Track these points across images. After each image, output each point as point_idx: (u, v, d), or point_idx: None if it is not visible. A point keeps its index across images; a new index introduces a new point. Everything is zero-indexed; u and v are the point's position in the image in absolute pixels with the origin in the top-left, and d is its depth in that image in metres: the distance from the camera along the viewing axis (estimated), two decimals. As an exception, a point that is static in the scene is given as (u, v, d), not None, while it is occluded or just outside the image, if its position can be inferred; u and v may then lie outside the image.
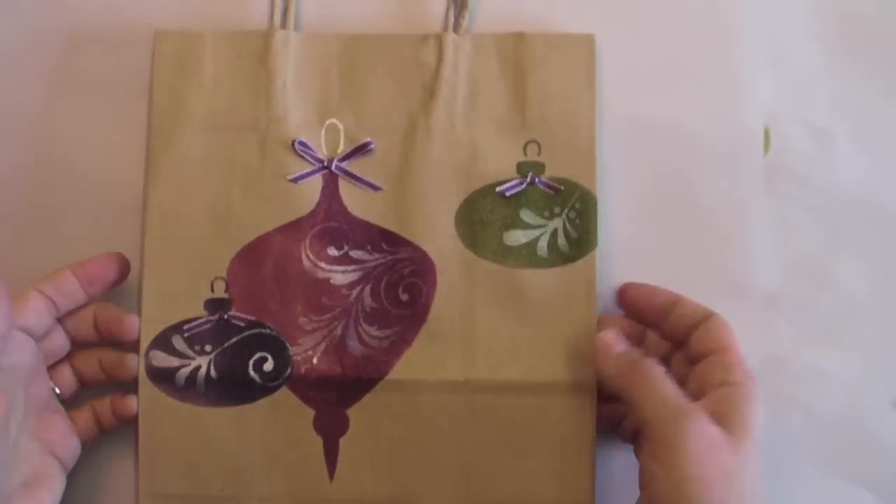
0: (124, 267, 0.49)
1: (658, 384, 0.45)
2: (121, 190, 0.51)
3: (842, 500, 0.51)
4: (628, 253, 0.51)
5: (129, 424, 0.49)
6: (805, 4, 0.52)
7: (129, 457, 0.50)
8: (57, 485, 0.46)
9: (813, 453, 0.51)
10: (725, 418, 0.43)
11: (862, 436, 0.51)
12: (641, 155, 0.51)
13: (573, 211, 0.50)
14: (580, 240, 0.49)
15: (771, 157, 0.52)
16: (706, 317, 0.47)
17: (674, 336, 0.49)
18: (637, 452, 0.48)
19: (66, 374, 0.48)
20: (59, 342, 0.48)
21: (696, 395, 0.45)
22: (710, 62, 0.52)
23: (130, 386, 0.49)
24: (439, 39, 0.50)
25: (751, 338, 0.51)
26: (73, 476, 0.47)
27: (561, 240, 0.50)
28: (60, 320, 0.48)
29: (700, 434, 0.42)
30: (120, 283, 0.49)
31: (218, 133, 0.50)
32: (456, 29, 0.51)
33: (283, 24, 0.51)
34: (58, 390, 0.48)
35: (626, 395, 0.46)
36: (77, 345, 0.49)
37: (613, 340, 0.48)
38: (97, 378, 0.49)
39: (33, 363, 0.46)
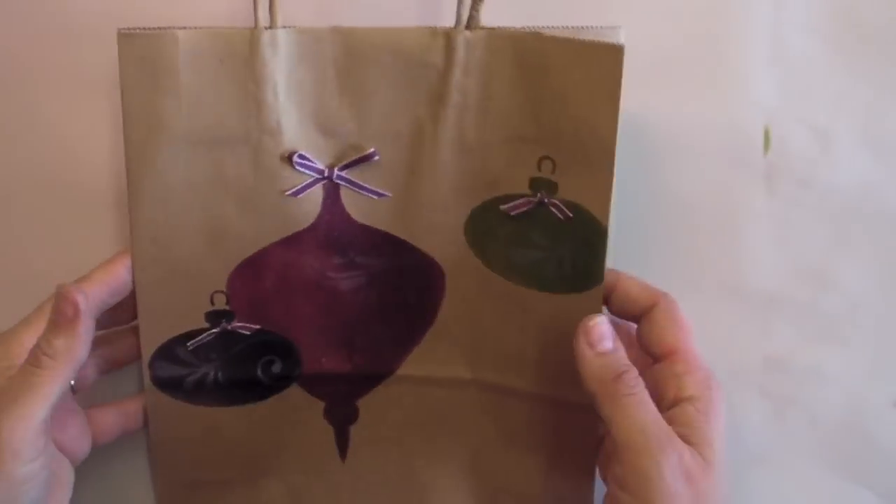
0: None
1: (639, 407, 0.41)
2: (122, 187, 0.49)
3: (842, 500, 0.52)
4: (626, 251, 0.51)
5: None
6: (806, 3, 0.52)
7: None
8: (70, 481, 0.45)
9: (813, 453, 0.52)
10: (690, 439, 0.41)
11: (862, 436, 0.51)
12: (640, 154, 0.51)
13: (583, 241, 0.45)
14: (587, 272, 0.45)
15: (771, 157, 0.51)
16: (651, 304, 0.45)
17: (623, 318, 0.47)
18: (603, 471, 0.47)
19: (86, 367, 0.46)
20: None
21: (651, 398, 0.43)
22: (709, 61, 0.51)
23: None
24: (449, 37, 0.44)
25: (751, 338, 0.51)
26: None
27: (567, 268, 0.46)
28: None
29: (676, 467, 0.40)
30: None
31: (203, 147, 0.45)
32: (469, 24, 0.44)
33: (271, 22, 0.44)
34: (72, 381, 0.44)
35: (600, 408, 0.42)
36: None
37: (599, 334, 0.43)
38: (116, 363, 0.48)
39: None
